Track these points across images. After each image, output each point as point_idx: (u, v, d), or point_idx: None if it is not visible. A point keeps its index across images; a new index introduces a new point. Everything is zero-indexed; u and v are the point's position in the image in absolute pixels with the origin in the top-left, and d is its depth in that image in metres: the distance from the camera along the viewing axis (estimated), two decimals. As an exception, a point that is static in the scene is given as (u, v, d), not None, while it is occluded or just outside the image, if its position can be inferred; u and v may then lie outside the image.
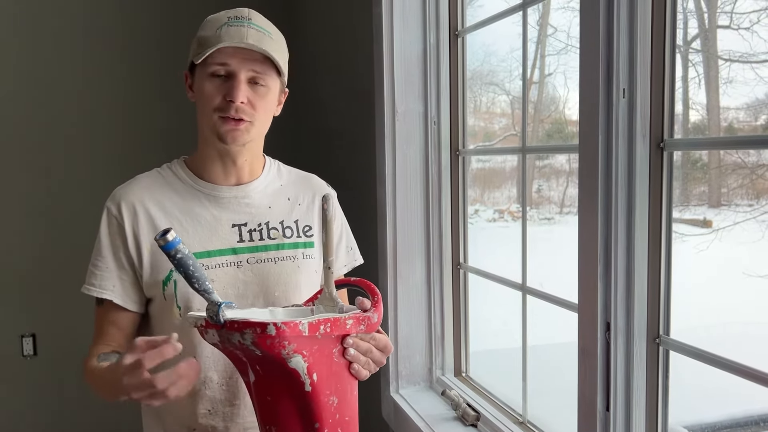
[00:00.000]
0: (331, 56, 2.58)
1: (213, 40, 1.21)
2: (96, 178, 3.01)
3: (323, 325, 1.02)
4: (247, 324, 0.98)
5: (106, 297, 1.27)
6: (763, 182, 1.41)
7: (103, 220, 1.29)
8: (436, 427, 1.77)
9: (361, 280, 1.23)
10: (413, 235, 1.98)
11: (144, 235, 1.27)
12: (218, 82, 1.22)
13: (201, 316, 1.04)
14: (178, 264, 1.02)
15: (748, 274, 1.40)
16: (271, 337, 0.96)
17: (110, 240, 1.28)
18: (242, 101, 1.21)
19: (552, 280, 1.61)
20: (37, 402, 3.06)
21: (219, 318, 1.00)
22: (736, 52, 1.26)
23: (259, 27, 1.24)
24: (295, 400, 1.05)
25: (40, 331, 3.07)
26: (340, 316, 1.07)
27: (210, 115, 1.24)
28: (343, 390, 1.09)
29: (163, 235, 1.00)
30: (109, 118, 3.07)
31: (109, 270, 1.28)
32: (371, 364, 1.14)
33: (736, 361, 1.04)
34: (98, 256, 1.29)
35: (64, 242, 3.01)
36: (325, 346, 1.05)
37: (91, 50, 3.03)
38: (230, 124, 1.23)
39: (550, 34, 1.83)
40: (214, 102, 1.22)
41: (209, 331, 1.03)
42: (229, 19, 1.24)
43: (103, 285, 1.27)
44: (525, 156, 1.68)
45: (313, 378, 1.03)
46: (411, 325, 1.99)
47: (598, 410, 1.21)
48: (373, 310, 1.12)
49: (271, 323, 0.96)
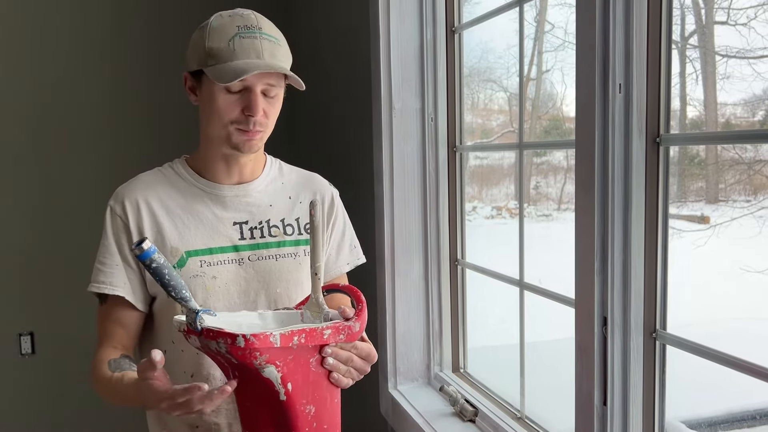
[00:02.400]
0: (328, 53, 2.57)
1: (227, 55, 1.20)
2: (95, 177, 3.01)
3: (297, 335, 1.02)
4: (220, 334, 0.99)
5: (118, 293, 1.27)
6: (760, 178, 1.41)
7: (107, 219, 1.30)
8: (435, 423, 1.77)
9: (349, 286, 1.23)
10: (411, 231, 1.98)
11: (147, 232, 1.28)
12: (235, 96, 1.22)
13: (183, 321, 1.05)
14: (154, 273, 1.02)
15: (746, 269, 1.41)
16: (241, 348, 0.97)
17: (115, 238, 1.29)
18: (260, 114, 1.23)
19: (549, 277, 1.62)
20: (35, 400, 3.06)
21: (196, 325, 1.02)
22: (733, 47, 1.26)
23: (270, 36, 1.24)
24: (271, 408, 1.06)
25: (39, 330, 3.07)
26: (316, 326, 1.06)
27: (225, 127, 1.24)
28: (321, 398, 1.09)
29: (139, 245, 1.01)
30: (109, 118, 3.06)
31: (118, 267, 1.28)
32: (353, 372, 1.13)
33: (733, 356, 1.04)
34: (105, 253, 1.29)
35: (62, 240, 3.01)
36: (301, 356, 1.05)
37: (91, 50, 3.02)
38: (247, 134, 1.24)
39: (547, 30, 1.83)
40: (231, 115, 1.23)
41: (191, 337, 1.05)
42: (239, 29, 1.21)
43: (114, 282, 1.27)
44: (522, 152, 1.68)
45: (287, 387, 1.03)
46: (409, 321, 2.00)
47: (596, 405, 1.21)
48: (355, 318, 1.11)
49: (240, 335, 0.97)
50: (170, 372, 1.26)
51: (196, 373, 1.28)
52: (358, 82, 2.18)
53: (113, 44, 3.05)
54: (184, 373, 1.28)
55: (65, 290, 3.00)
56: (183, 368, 1.28)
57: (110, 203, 1.31)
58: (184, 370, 1.28)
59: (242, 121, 1.23)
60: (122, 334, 1.29)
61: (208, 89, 1.23)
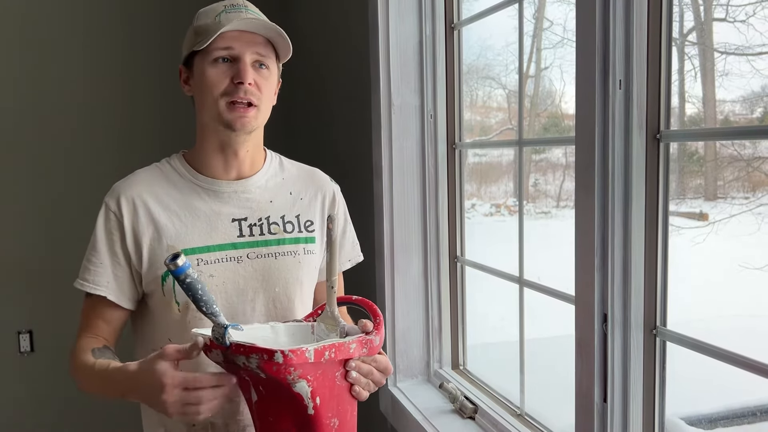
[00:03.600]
0: (327, 49, 2.57)
1: (213, 27, 1.21)
2: (93, 174, 3.00)
3: (328, 350, 1.03)
4: (254, 349, 0.99)
5: (100, 293, 1.26)
6: (758, 175, 1.41)
7: (100, 215, 1.28)
8: (434, 420, 1.77)
9: (363, 299, 1.23)
10: (410, 228, 1.98)
11: (143, 229, 1.26)
12: (223, 67, 1.22)
13: (206, 336, 1.05)
14: (187, 288, 1.02)
15: (744, 266, 1.41)
16: (278, 364, 0.98)
17: (106, 235, 1.27)
18: (250, 82, 1.21)
19: (548, 274, 1.62)
20: (34, 398, 3.06)
21: (225, 340, 1.01)
22: (731, 44, 1.26)
23: (256, 13, 1.26)
24: (297, 422, 1.06)
25: (37, 328, 3.06)
26: (344, 341, 1.07)
27: (215, 103, 1.23)
28: (343, 411, 1.10)
29: (173, 260, 1.00)
30: (107, 116, 3.06)
31: (104, 266, 1.27)
32: (371, 385, 1.15)
33: (733, 352, 1.04)
34: (93, 251, 1.28)
35: (60, 238, 3.00)
36: (328, 370, 1.06)
37: (91, 49, 3.02)
38: (239, 110, 1.22)
39: (545, 27, 1.82)
40: (221, 87, 1.22)
41: (214, 351, 1.05)
42: (225, 8, 1.24)
43: (97, 281, 1.26)
44: (522, 149, 1.68)
45: (316, 401, 1.04)
46: (408, 318, 2.00)
47: (596, 402, 1.21)
48: (375, 332, 1.12)
49: (278, 351, 0.97)
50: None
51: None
52: (358, 79, 2.18)
53: (115, 44, 3.04)
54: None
55: (64, 288, 2.97)
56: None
57: (106, 200, 1.29)
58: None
59: (232, 91, 1.21)
60: (105, 328, 1.28)
61: (199, 69, 1.24)
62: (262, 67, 1.24)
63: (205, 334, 1.06)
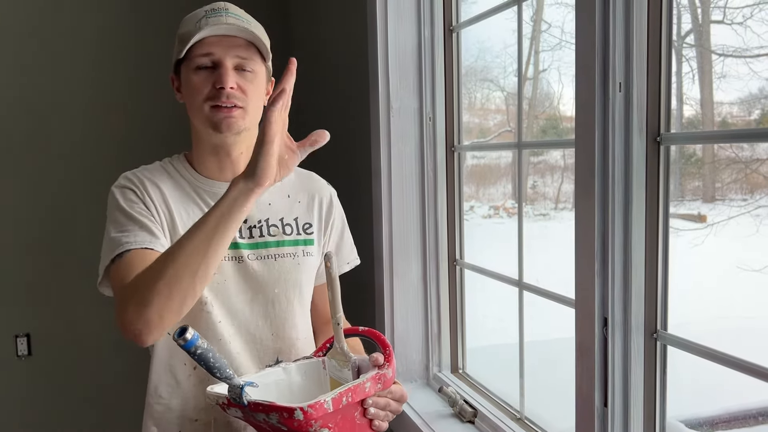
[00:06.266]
0: (325, 52, 2.56)
1: (193, 33, 1.22)
2: (94, 178, 2.98)
3: (345, 396, 1.04)
4: (273, 408, 0.99)
5: (154, 247, 1.17)
6: (757, 177, 1.41)
7: (115, 196, 1.24)
8: (434, 424, 1.76)
9: (370, 330, 1.23)
10: (409, 231, 1.97)
11: (159, 208, 1.24)
12: (205, 73, 1.23)
13: (222, 395, 1.06)
14: (199, 359, 1.02)
15: (743, 268, 1.41)
16: (299, 420, 0.98)
17: (127, 204, 1.23)
18: (232, 86, 1.22)
19: (548, 276, 1.61)
20: (31, 402, 3.04)
21: (243, 400, 1.02)
22: (729, 47, 1.26)
23: (237, 15, 1.26)
24: None
25: (35, 331, 3.05)
26: (358, 382, 1.07)
27: (201, 108, 1.23)
28: None
29: (181, 335, 0.99)
30: (107, 118, 3.05)
31: (142, 226, 1.20)
32: (390, 416, 1.15)
33: (733, 355, 1.04)
34: (123, 217, 1.20)
35: (59, 242, 3.00)
36: (347, 412, 1.06)
37: (90, 49, 3.01)
38: (223, 111, 1.22)
39: (544, 30, 1.82)
40: (204, 92, 1.23)
41: (232, 409, 1.05)
42: (206, 13, 1.25)
43: (138, 240, 1.18)
44: (521, 151, 1.68)
45: None
46: (407, 322, 1.99)
47: (596, 406, 1.20)
48: (387, 365, 1.12)
49: (298, 408, 0.97)
50: (172, 361, 1.26)
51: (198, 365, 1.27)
52: (356, 82, 2.17)
53: (117, 44, 3.03)
54: (185, 365, 1.27)
55: (62, 292, 2.98)
56: (184, 360, 1.27)
57: (116, 185, 1.27)
58: (185, 362, 1.27)
59: (215, 96, 1.22)
60: None
61: (185, 76, 1.26)
62: (245, 70, 1.24)
63: (221, 393, 1.06)
